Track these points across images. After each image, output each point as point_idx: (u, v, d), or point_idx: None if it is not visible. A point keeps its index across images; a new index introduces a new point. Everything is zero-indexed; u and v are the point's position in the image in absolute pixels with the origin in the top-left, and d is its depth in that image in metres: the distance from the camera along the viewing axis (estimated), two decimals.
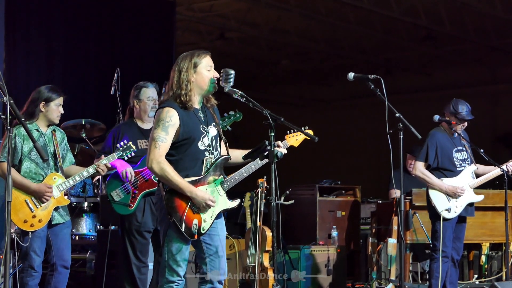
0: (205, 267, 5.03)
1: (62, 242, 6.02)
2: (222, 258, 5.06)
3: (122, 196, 6.49)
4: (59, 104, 6.03)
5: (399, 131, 5.75)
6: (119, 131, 6.63)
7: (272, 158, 4.79)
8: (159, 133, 4.85)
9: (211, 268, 5.02)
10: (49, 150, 6.01)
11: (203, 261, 5.04)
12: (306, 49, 16.05)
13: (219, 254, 5.03)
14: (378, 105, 5.77)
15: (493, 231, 8.77)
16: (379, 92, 5.68)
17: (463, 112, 7.37)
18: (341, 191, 9.92)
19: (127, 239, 6.57)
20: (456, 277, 7.53)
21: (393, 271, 8.39)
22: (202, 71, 4.97)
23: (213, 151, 5.02)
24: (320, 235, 9.48)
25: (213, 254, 5.02)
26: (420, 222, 8.28)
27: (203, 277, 5.03)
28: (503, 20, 13.59)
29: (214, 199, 4.92)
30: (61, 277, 6.00)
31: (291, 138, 5.45)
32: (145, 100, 6.63)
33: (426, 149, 7.37)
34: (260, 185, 7.28)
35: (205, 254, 5.02)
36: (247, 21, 14.30)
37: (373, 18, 13.85)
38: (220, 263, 5.03)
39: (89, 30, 10.73)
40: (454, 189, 7.27)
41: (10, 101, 4.75)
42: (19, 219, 5.81)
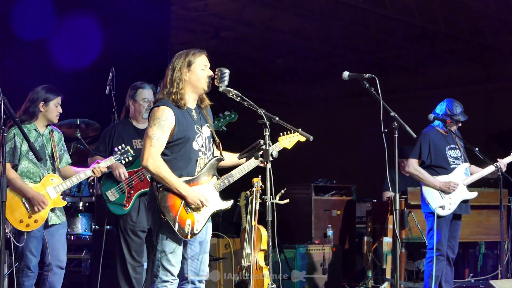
0: (186, 268, 5.02)
1: (58, 243, 6.02)
2: (204, 263, 5.07)
3: (117, 196, 6.49)
4: (57, 104, 6.06)
5: (394, 130, 5.76)
6: (114, 130, 6.63)
7: (267, 157, 4.79)
8: (155, 132, 4.84)
9: (191, 269, 5.02)
10: (47, 151, 6.01)
11: (185, 261, 5.03)
12: (300, 48, 16.04)
13: (203, 260, 5.05)
14: (373, 104, 5.78)
15: (488, 229, 8.79)
16: (374, 91, 5.68)
17: (458, 113, 7.41)
18: (337, 190, 9.93)
19: (122, 238, 6.57)
20: (452, 276, 7.55)
21: (388, 270, 8.40)
22: (196, 69, 4.97)
23: (207, 151, 5.02)
24: (316, 234, 9.49)
25: (195, 256, 5.02)
26: (416, 220, 8.29)
27: (185, 277, 5.03)
28: (497, 19, 13.60)
29: (208, 198, 4.92)
30: (56, 277, 6.01)
31: (284, 140, 5.44)
32: (140, 101, 6.63)
33: (419, 147, 7.39)
34: (255, 184, 7.27)
35: (188, 255, 5.02)
36: (242, 20, 14.29)
37: (367, 17, 13.84)
38: (201, 266, 5.05)
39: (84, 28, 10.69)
40: (447, 184, 7.29)
41: (4, 101, 4.75)
42: (15, 218, 5.80)
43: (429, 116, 7.43)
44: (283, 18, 14.09)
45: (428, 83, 16.73)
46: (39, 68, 10.05)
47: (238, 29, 14.66)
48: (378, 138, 5.66)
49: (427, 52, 15.83)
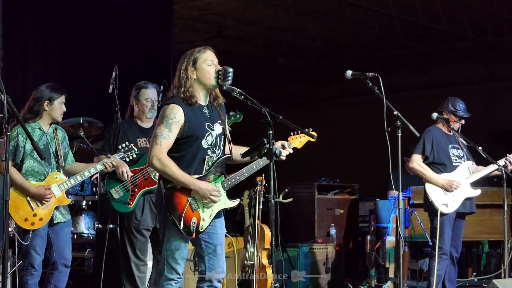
0: (204, 266, 5.01)
1: (63, 241, 6.03)
2: (221, 257, 5.04)
3: (121, 193, 6.49)
4: (62, 102, 6.08)
5: (397, 129, 5.75)
6: (119, 129, 6.63)
7: (271, 156, 4.78)
8: (162, 130, 4.84)
9: (209, 266, 5.00)
10: (51, 149, 6.02)
11: (202, 259, 5.03)
12: (303, 47, 16.04)
13: (217, 252, 5.01)
14: (376, 103, 5.77)
15: (492, 228, 8.79)
16: (377, 90, 5.68)
17: (461, 110, 7.44)
18: (340, 189, 9.93)
19: (126, 237, 6.57)
20: (455, 275, 7.54)
21: (391, 269, 8.40)
22: (202, 65, 4.96)
23: (216, 149, 5.00)
24: (319, 233, 9.48)
25: (211, 252, 5.01)
26: (419, 219, 8.29)
27: (202, 276, 5.02)
28: (500, 18, 13.61)
29: (218, 190, 4.91)
30: (61, 276, 6.02)
31: (294, 140, 5.43)
32: (143, 101, 6.63)
33: (423, 142, 7.40)
34: (258, 183, 7.28)
35: (204, 253, 5.01)
36: (244, 19, 14.29)
37: (370, 16, 13.84)
38: (218, 262, 5.02)
39: (87, 28, 10.71)
40: (450, 182, 7.29)
41: (8, 99, 4.75)
42: (20, 217, 5.81)
43: (432, 115, 7.43)
44: (286, 17, 14.09)
45: (431, 82, 16.74)
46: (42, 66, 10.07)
47: (241, 28, 14.66)
48: (382, 137, 5.66)
49: (430, 51, 15.83)
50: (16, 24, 9.80)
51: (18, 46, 9.92)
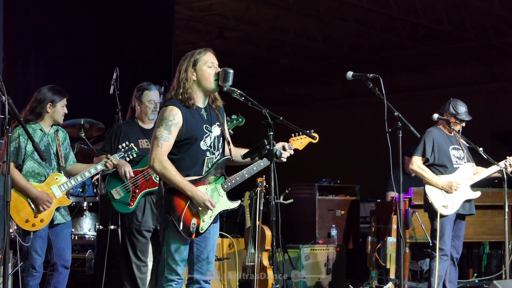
0: (192, 268, 5.02)
1: (63, 242, 6.03)
2: (211, 264, 5.04)
3: (122, 194, 6.49)
4: (64, 105, 6.08)
5: (398, 130, 5.75)
6: (120, 130, 6.63)
7: (271, 157, 4.78)
8: (162, 132, 4.84)
9: (198, 270, 5.01)
10: (52, 150, 6.02)
11: (191, 261, 5.02)
12: (304, 48, 16.05)
13: (209, 260, 5.02)
14: (377, 104, 5.77)
15: (493, 229, 8.78)
16: (378, 91, 5.68)
17: (462, 113, 7.41)
18: (341, 190, 9.92)
19: (127, 238, 6.57)
20: (456, 276, 7.53)
21: (392, 270, 8.39)
22: (203, 67, 4.95)
23: (215, 151, 5.00)
24: (320, 234, 9.48)
25: (203, 258, 5.01)
26: (420, 220, 8.29)
27: (191, 277, 5.03)
28: (502, 18, 13.61)
29: (214, 202, 4.91)
30: (61, 277, 6.02)
31: (295, 141, 5.43)
32: (146, 103, 6.62)
33: (424, 144, 7.39)
34: (259, 184, 7.28)
35: (193, 255, 5.01)
36: (246, 20, 14.30)
37: (371, 16, 13.85)
38: (208, 268, 5.03)
39: (88, 29, 10.72)
40: (450, 184, 7.28)
41: (9, 100, 4.75)
42: (21, 218, 5.81)
43: (433, 116, 7.42)
44: (287, 17, 14.10)
45: (432, 82, 16.74)
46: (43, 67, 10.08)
47: (242, 28, 14.67)
48: (382, 138, 5.65)
49: (431, 52, 15.83)
50: (17, 25, 9.81)
51: (19, 47, 9.93)
